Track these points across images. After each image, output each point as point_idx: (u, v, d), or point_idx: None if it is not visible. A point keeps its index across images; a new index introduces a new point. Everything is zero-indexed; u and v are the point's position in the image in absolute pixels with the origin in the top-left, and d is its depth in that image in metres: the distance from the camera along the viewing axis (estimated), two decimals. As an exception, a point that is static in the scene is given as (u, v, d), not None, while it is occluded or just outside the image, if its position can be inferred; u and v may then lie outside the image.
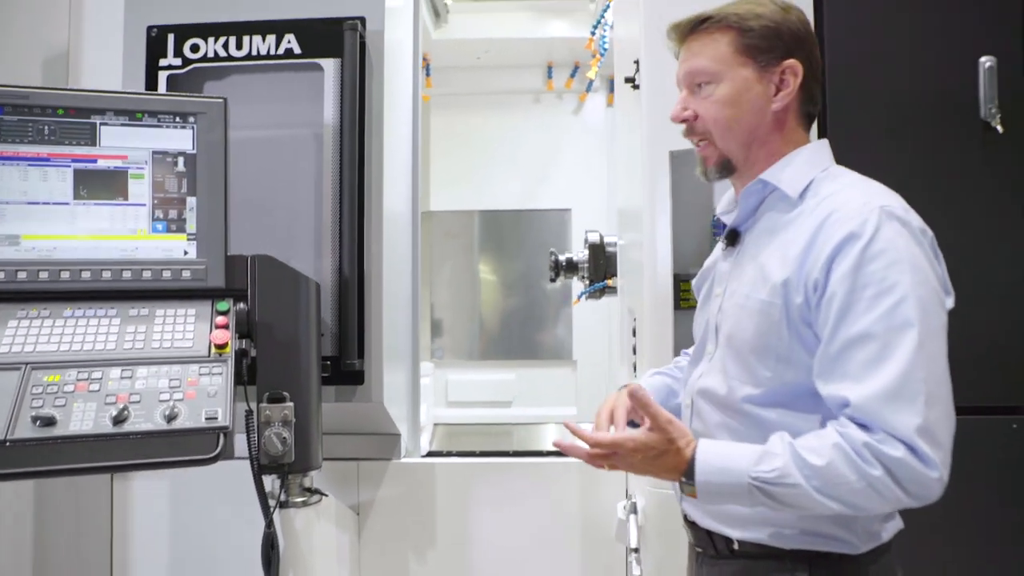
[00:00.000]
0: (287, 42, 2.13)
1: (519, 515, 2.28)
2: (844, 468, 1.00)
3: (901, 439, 0.99)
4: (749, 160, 1.25)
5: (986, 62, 1.80)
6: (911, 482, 0.99)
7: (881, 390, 1.00)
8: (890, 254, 1.05)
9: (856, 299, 1.04)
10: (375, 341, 2.07)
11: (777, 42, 1.22)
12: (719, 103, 1.22)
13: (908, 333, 1.01)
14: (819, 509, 1.03)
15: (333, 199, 2.08)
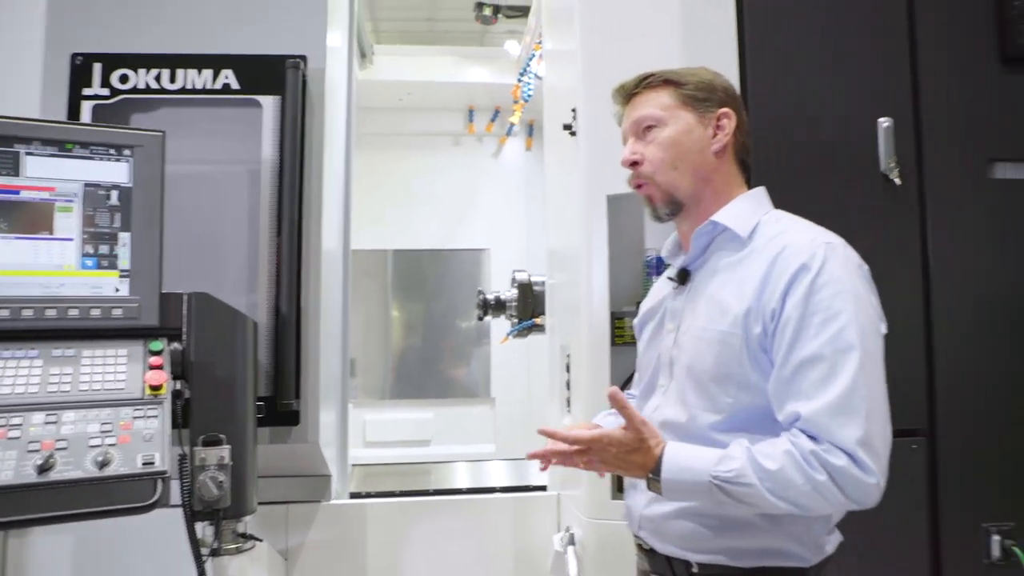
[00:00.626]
0: (224, 77, 2.10)
1: (453, 553, 2.27)
2: (794, 473, 1.10)
3: (844, 449, 1.09)
4: (695, 196, 1.35)
5: (884, 122, 2.00)
6: (852, 488, 1.10)
7: (827, 406, 1.11)
8: (835, 284, 1.16)
9: (807, 324, 1.15)
10: (311, 381, 2.03)
11: (711, 94, 1.36)
12: (664, 144, 1.34)
13: (852, 355, 1.12)
14: (770, 508, 1.13)
15: (271, 236, 2.05)
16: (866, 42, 2.04)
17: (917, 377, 1.98)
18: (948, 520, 1.96)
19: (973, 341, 2.00)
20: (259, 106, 2.10)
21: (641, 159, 1.35)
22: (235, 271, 2.10)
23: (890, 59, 2.05)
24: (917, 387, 1.98)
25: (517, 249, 3.90)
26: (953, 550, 1.95)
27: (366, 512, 2.25)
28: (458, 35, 4.44)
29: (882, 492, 1.12)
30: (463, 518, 2.31)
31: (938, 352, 1.98)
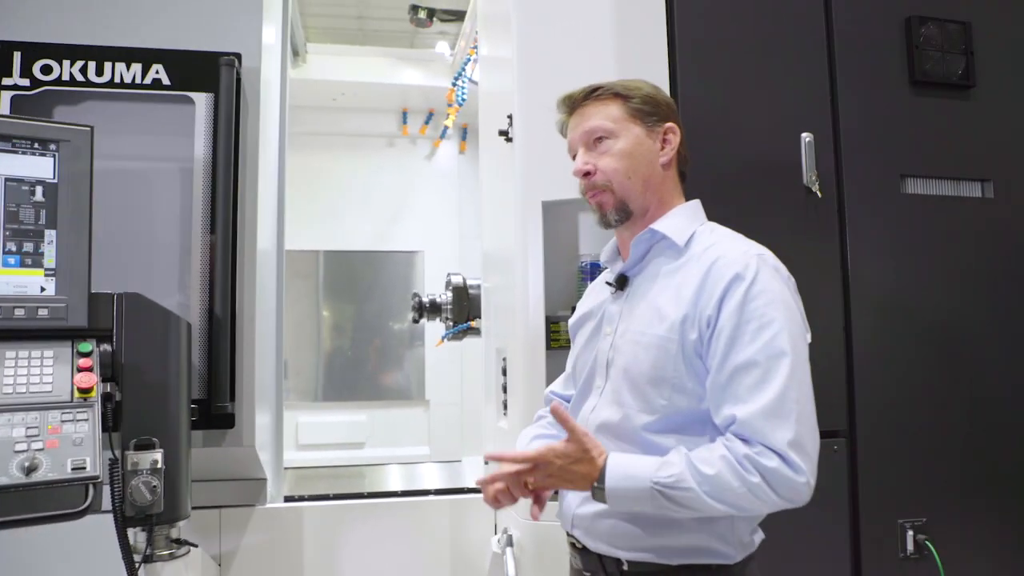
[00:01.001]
0: (155, 72, 2.04)
1: (390, 555, 2.26)
2: (730, 477, 1.15)
3: (776, 450, 1.15)
4: (644, 205, 1.40)
5: (806, 137, 2.11)
6: (783, 487, 1.15)
7: (761, 409, 1.17)
8: (768, 294, 1.23)
9: (741, 332, 1.21)
10: (246, 383, 2.00)
11: (656, 108, 1.41)
12: (618, 155, 1.38)
13: (784, 361, 1.19)
14: (709, 511, 1.18)
15: (203, 236, 2.00)
16: (790, 62, 2.15)
17: (837, 381, 2.08)
18: (867, 516, 2.06)
19: (890, 346, 2.12)
20: (191, 103, 2.05)
21: (594, 169, 1.39)
22: (165, 271, 2.05)
23: (812, 79, 2.16)
24: (838, 391, 2.08)
25: (450, 252, 3.91)
26: (871, 545, 2.05)
27: (302, 515, 2.23)
28: (389, 35, 4.41)
29: (812, 490, 1.18)
30: (400, 520, 2.31)
31: (856, 357, 2.09)
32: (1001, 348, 2.20)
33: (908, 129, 2.20)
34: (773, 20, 2.15)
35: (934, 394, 2.13)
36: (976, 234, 2.22)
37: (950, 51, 2.21)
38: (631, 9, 2.07)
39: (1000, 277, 2.22)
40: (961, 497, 2.12)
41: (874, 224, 2.15)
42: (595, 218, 1.44)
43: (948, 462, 2.13)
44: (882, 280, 2.14)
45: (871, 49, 2.20)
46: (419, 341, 3.87)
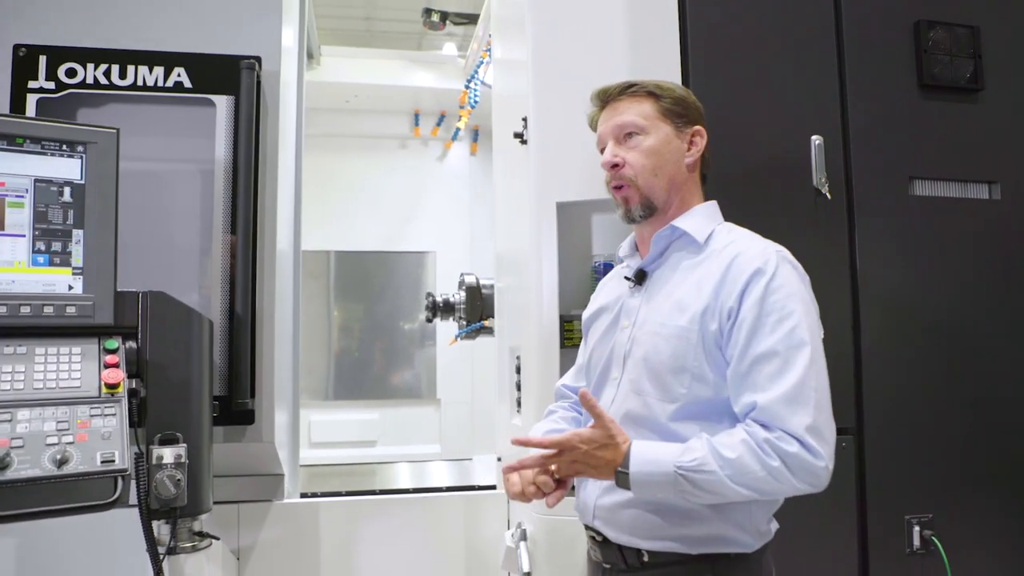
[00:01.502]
0: (177, 75, 2.09)
1: (405, 550, 2.30)
2: (750, 460, 1.19)
3: (795, 436, 1.19)
4: (667, 202, 1.44)
5: (816, 140, 2.14)
6: (802, 471, 1.20)
7: (781, 396, 1.21)
8: (787, 288, 1.28)
9: (762, 323, 1.26)
10: (266, 380, 2.04)
11: (685, 111, 1.46)
12: (647, 151, 1.42)
13: (803, 351, 1.23)
14: (731, 495, 1.21)
15: (224, 235, 2.05)
16: (800, 66, 2.18)
17: (846, 379, 2.11)
18: (874, 513, 2.09)
19: (896, 345, 2.15)
20: (212, 105, 2.10)
21: (623, 163, 1.43)
22: (186, 271, 2.10)
23: (822, 82, 2.19)
24: (846, 388, 2.11)
25: (462, 252, 3.95)
26: (879, 540, 2.08)
27: (319, 511, 2.27)
28: (396, 37, 4.47)
29: (830, 474, 1.22)
30: (414, 516, 2.35)
31: (865, 356, 2.12)
32: (1007, 347, 2.23)
33: (916, 132, 2.23)
34: (783, 24, 2.18)
35: (941, 392, 2.16)
36: (983, 235, 2.25)
37: (958, 55, 2.24)
38: (643, 14, 2.11)
39: (1006, 277, 2.25)
40: (967, 494, 2.15)
41: (882, 225, 2.18)
42: (618, 213, 1.48)
43: (954, 459, 2.16)
44: (890, 280, 2.17)
45: (880, 53, 2.22)
46: (430, 341, 3.91)
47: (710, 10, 2.13)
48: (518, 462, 1.32)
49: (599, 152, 1.51)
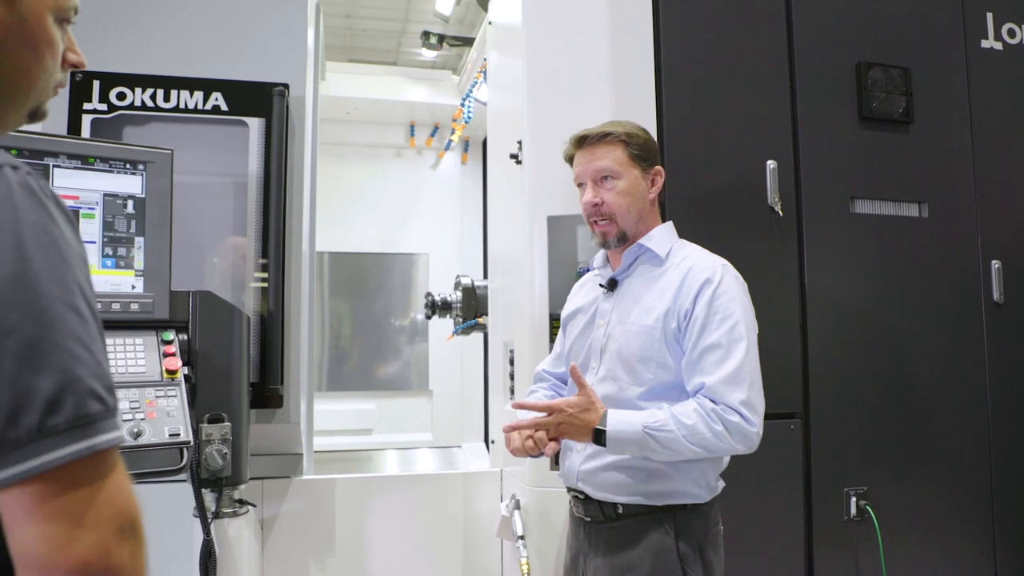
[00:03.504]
0: (215, 99, 2.35)
1: (412, 521, 2.59)
2: (701, 425, 1.53)
3: (734, 408, 1.54)
4: (637, 232, 1.77)
5: (771, 164, 2.47)
6: (739, 435, 1.54)
7: (723, 378, 1.55)
8: (730, 294, 1.62)
9: (710, 321, 1.60)
10: (293, 368, 2.32)
11: (648, 153, 1.78)
12: (621, 192, 1.74)
13: (741, 344, 1.58)
14: (686, 452, 1.54)
15: (257, 241, 2.32)
16: (758, 101, 2.50)
17: (794, 371, 2.44)
18: (817, 485, 2.43)
19: (838, 342, 2.49)
20: (245, 126, 2.37)
21: (602, 203, 1.74)
22: (222, 272, 2.37)
23: (777, 115, 2.52)
24: (794, 379, 2.44)
25: (452, 254, 4.24)
26: (821, 509, 2.42)
27: (335, 487, 2.54)
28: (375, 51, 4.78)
29: (760, 439, 1.57)
30: (419, 493, 2.64)
31: (811, 351, 2.45)
32: (932, 344, 2.58)
33: (857, 158, 2.57)
34: (743, 63, 2.51)
35: (875, 383, 2.51)
36: (913, 248, 2.60)
37: (893, 92, 2.59)
38: (625, 52, 2.42)
39: (932, 284, 2.60)
40: (896, 469, 2.50)
41: (827, 239, 2.52)
42: (595, 241, 1.80)
43: (886, 440, 2.50)
44: (834, 287, 2.51)
45: (826, 89, 2.56)
46: (422, 337, 4.19)
47: (680, 52, 2.45)
48: (516, 423, 1.63)
49: (576, 186, 1.83)
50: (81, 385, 0.67)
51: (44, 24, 0.87)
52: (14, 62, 0.85)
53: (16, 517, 0.65)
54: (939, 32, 2.71)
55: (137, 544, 0.70)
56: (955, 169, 2.67)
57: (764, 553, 2.37)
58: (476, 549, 2.62)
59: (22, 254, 0.67)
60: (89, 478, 0.66)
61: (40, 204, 0.70)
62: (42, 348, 0.66)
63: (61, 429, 0.65)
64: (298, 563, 2.49)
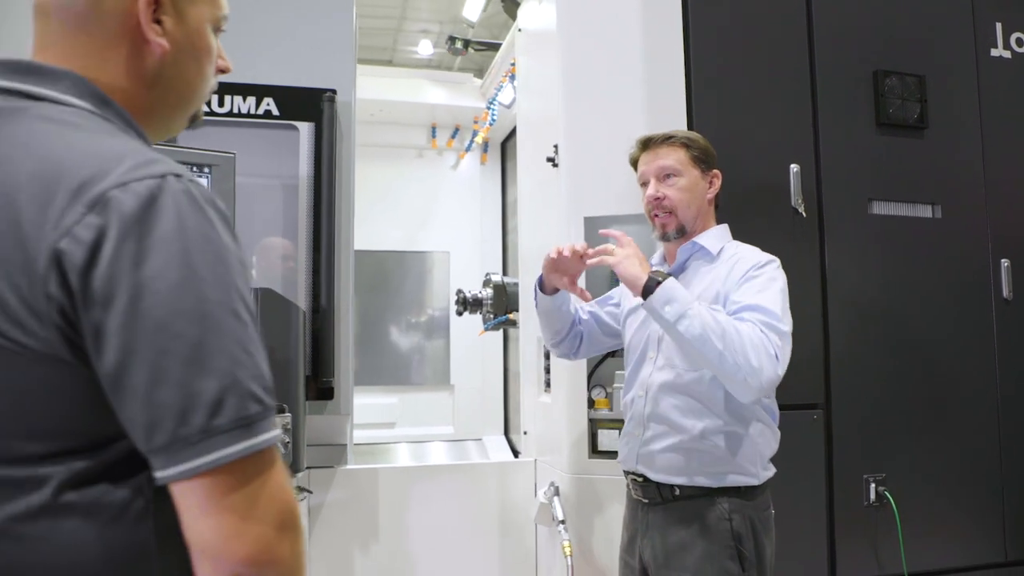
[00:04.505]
0: (266, 104, 2.46)
1: (450, 509, 2.71)
2: (753, 333, 1.61)
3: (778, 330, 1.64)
4: (693, 227, 1.89)
5: (794, 167, 2.60)
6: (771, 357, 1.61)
7: (757, 304, 1.67)
8: (771, 275, 1.75)
9: (748, 279, 1.73)
10: (343, 363, 2.43)
11: (708, 158, 1.91)
12: (682, 189, 1.87)
13: (778, 292, 1.72)
14: (714, 340, 1.59)
15: (308, 241, 2.43)
16: (782, 109, 2.63)
17: (817, 364, 2.57)
18: (839, 472, 2.55)
19: (858, 336, 2.61)
20: (296, 130, 2.48)
21: (664, 197, 1.87)
22: (260, 271, 2.47)
23: (799, 121, 2.64)
24: (817, 372, 2.57)
25: (472, 252, 4.36)
26: (842, 495, 2.54)
27: (377, 476, 2.66)
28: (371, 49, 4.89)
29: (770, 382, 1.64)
30: (457, 482, 2.75)
31: (832, 344, 2.58)
32: (945, 338, 2.71)
33: (874, 161, 2.70)
34: (768, 72, 2.63)
35: (892, 375, 2.64)
36: (927, 246, 2.73)
37: (908, 99, 2.72)
38: (657, 61, 2.54)
39: (945, 279, 2.74)
40: (913, 456, 2.63)
41: (847, 238, 2.64)
42: (655, 234, 1.92)
43: (903, 429, 2.63)
44: (853, 283, 2.64)
45: (845, 96, 2.69)
46: (444, 332, 4.31)
47: (709, 63, 2.56)
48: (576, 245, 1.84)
49: (640, 185, 1.95)
50: (242, 387, 0.70)
51: (206, 35, 0.92)
52: (183, 72, 0.90)
53: (190, 510, 0.70)
54: (951, 42, 2.85)
55: (296, 537, 0.74)
56: (967, 172, 2.80)
57: (789, 537, 2.47)
58: (512, 535, 2.74)
59: (187, 261, 0.70)
60: (252, 475, 0.71)
61: (201, 211, 0.74)
62: (206, 352, 0.69)
63: (225, 429, 0.69)
64: (343, 548, 2.60)
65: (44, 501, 0.71)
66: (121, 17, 0.83)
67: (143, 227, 0.69)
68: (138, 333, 0.68)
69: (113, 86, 0.84)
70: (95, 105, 0.82)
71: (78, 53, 0.83)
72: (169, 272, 0.69)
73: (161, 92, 0.88)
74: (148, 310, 0.68)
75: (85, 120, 0.80)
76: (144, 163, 0.73)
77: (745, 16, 2.63)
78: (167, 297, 0.69)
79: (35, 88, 0.80)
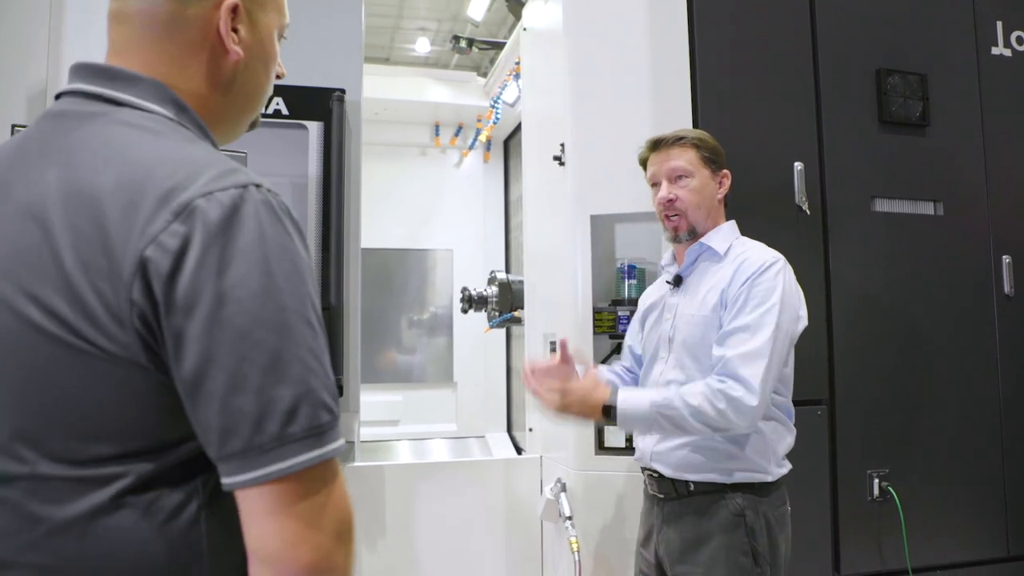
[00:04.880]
0: (276, 104, 2.47)
1: (457, 505, 2.72)
2: (706, 405, 1.64)
3: (742, 381, 1.64)
4: (704, 227, 1.91)
5: (798, 166, 2.62)
6: (739, 410, 1.62)
7: (741, 353, 1.67)
8: (771, 282, 1.74)
9: (746, 304, 1.72)
10: (351, 359, 2.45)
11: (717, 158, 1.92)
12: (693, 190, 1.88)
13: (768, 328, 1.68)
14: (691, 429, 1.66)
15: (317, 239, 2.45)
16: (787, 106, 2.65)
17: (821, 361, 2.59)
18: (843, 468, 2.57)
19: (861, 332, 2.64)
20: (305, 129, 2.49)
21: (676, 198, 1.88)
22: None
23: (803, 120, 2.67)
24: (821, 368, 2.59)
25: (476, 250, 4.38)
26: (846, 490, 2.57)
27: (384, 473, 2.67)
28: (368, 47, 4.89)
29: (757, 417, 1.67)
30: (463, 479, 2.77)
31: (836, 341, 2.60)
32: (948, 334, 2.74)
33: (877, 159, 2.73)
34: (772, 71, 2.65)
35: (896, 370, 2.67)
36: (930, 244, 2.76)
37: (910, 97, 2.74)
38: (662, 60, 2.56)
39: (947, 276, 2.77)
40: (916, 452, 2.66)
41: (850, 235, 2.67)
42: (666, 235, 1.94)
43: (906, 425, 2.66)
44: (856, 280, 2.66)
45: (849, 95, 2.71)
46: (447, 330, 4.33)
47: (713, 61, 2.58)
48: (536, 370, 1.84)
49: (650, 185, 1.97)
50: (315, 396, 0.72)
51: (273, 42, 0.95)
52: (253, 78, 0.93)
53: (255, 514, 0.71)
54: (953, 40, 2.87)
55: (351, 547, 0.76)
56: (968, 170, 2.83)
57: (793, 532, 2.51)
58: (518, 531, 2.76)
59: (268, 270, 0.71)
60: (319, 484, 0.72)
61: (279, 221, 0.75)
62: (284, 360, 0.71)
63: (298, 437, 0.70)
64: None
65: (106, 500, 0.73)
66: (202, 24, 0.86)
67: (227, 236, 0.71)
68: (219, 340, 0.69)
69: (191, 92, 0.87)
70: (173, 112, 0.84)
71: (159, 59, 0.85)
72: (250, 281, 0.70)
73: (233, 98, 0.91)
74: (230, 318, 0.70)
75: (165, 127, 0.81)
76: (227, 172, 0.75)
77: (749, 15, 2.65)
78: (248, 305, 0.70)
79: (116, 93, 0.82)
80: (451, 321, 4.25)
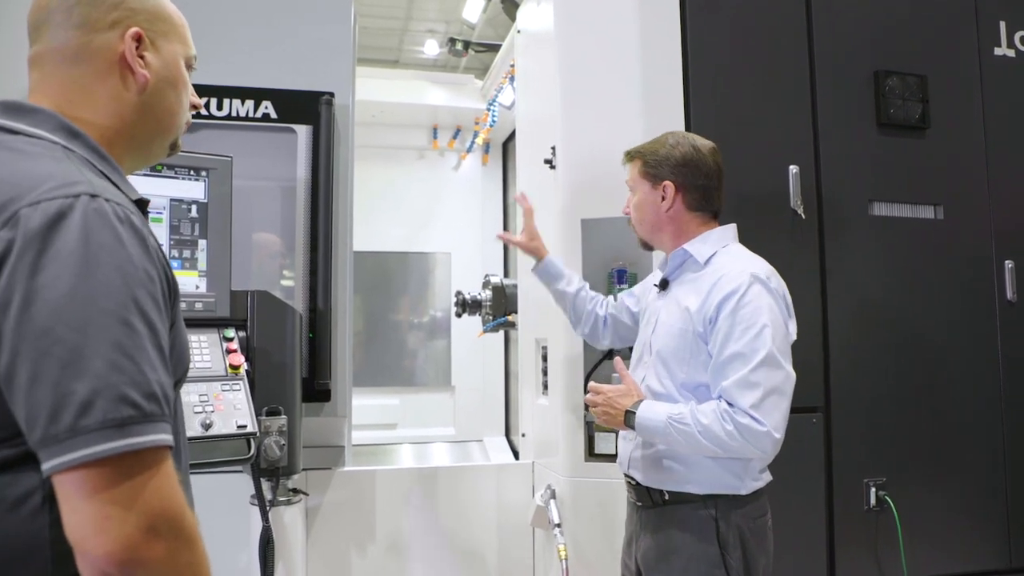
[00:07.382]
0: (264, 107, 2.46)
1: (448, 511, 2.71)
2: (716, 425, 1.62)
3: (745, 411, 1.61)
4: (656, 240, 1.93)
5: (793, 169, 2.58)
6: (750, 436, 1.60)
7: (737, 380, 1.63)
8: (755, 303, 1.68)
9: (733, 331, 1.67)
10: (340, 365, 2.43)
11: (660, 169, 1.86)
12: (634, 206, 1.92)
13: (761, 352, 1.64)
14: (702, 448, 1.64)
15: (305, 243, 2.43)
16: (782, 109, 2.61)
17: (816, 367, 2.55)
18: (839, 476, 2.54)
19: (858, 339, 2.60)
20: (294, 133, 2.47)
21: (627, 211, 1.94)
22: (271, 272, 2.48)
23: (798, 122, 2.63)
24: (816, 375, 2.55)
25: (474, 253, 4.35)
26: (841, 499, 2.53)
27: (375, 478, 2.65)
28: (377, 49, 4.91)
29: (775, 444, 1.64)
30: (454, 484, 2.75)
31: (832, 347, 2.56)
32: (948, 340, 2.69)
33: (875, 162, 2.68)
34: (767, 73, 2.62)
35: (894, 378, 2.62)
36: (929, 247, 2.71)
37: (910, 99, 2.70)
38: (654, 62, 2.53)
39: (947, 282, 2.72)
40: (914, 461, 2.62)
41: (847, 240, 2.63)
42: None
43: (904, 433, 2.62)
44: (853, 286, 2.62)
45: (846, 97, 2.67)
46: (445, 334, 4.31)
47: (706, 62, 2.56)
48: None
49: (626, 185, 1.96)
50: (116, 391, 0.75)
51: (181, 69, 1.04)
52: (163, 100, 1.01)
53: (66, 503, 0.75)
54: (954, 41, 2.82)
55: (178, 543, 0.77)
56: (969, 173, 2.78)
57: (788, 541, 2.46)
58: (509, 538, 2.74)
59: (83, 272, 0.77)
60: (125, 476, 0.75)
61: (110, 227, 0.80)
62: (84, 357, 0.75)
63: (92, 429, 0.73)
64: (340, 550, 2.60)
65: None
66: (107, 53, 0.96)
67: (45, 241, 0.77)
68: (24, 336, 0.75)
69: (95, 120, 0.95)
70: (64, 138, 0.91)
71: (65, 89, 0.95)
72: (59, 283, 0.76)
73: (144, 120, 0.99)
74: (34, 316, 0.75)
75: (44, 150, 0.88)
76: (63, 184, 0.81)
77: (743, 16, 2.62)
78: (55, 305, 0.75)
79: (13, 123, 0.90)
80: (449, 324, 4.23)
